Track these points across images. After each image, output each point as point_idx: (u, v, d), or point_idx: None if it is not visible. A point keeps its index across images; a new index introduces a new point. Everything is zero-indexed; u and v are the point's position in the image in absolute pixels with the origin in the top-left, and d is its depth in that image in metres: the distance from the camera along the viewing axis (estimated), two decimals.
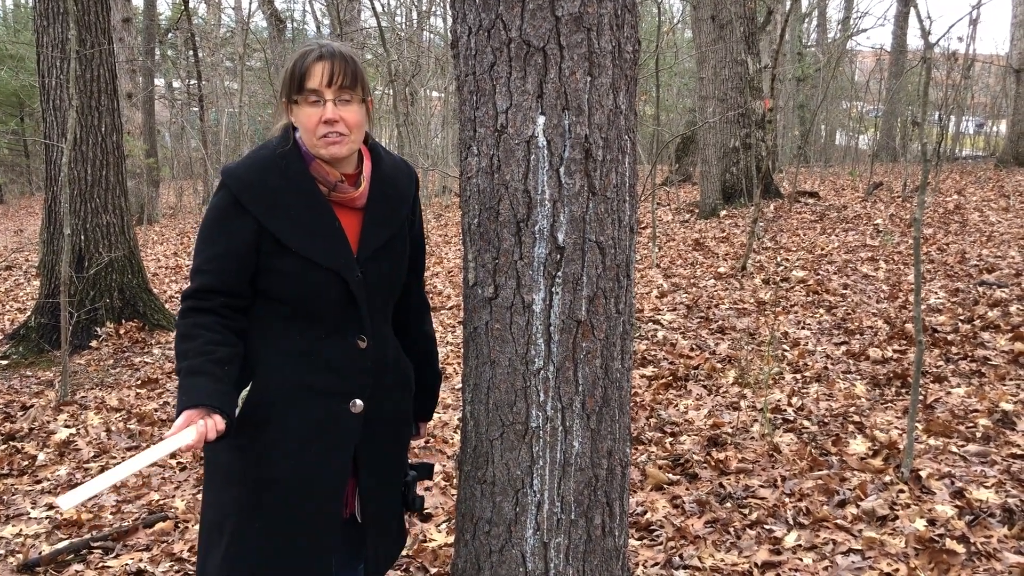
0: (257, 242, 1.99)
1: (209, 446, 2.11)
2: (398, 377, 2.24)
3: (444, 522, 3.57)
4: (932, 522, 3.17)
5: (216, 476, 2.12)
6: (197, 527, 3.66)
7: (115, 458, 4.66)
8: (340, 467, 2.10)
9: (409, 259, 2.26)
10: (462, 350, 2.24)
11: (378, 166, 2.17)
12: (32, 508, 4.03)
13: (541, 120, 1.98)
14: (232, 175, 2.01)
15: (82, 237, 7.17)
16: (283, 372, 2.03)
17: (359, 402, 2.09)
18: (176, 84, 30.11)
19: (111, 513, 3.93)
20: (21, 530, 3.77)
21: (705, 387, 5.11)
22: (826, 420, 4.34)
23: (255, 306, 2.06)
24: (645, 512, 3.50)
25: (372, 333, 2.11)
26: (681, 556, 3.11)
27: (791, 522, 3.30)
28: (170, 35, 27.61)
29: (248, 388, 2.02)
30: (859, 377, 5.00)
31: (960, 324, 5.74)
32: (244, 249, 1.99)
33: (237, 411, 2.00)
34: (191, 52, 25.88)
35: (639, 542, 3.28)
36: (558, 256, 2.03)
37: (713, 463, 3.91)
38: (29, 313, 7.62)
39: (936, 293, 6.67)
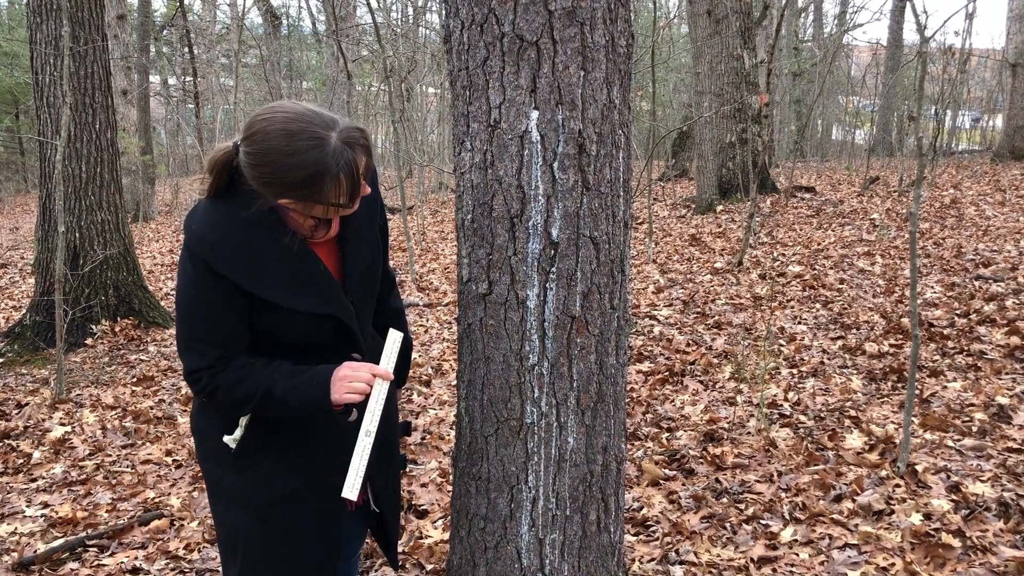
0: (247, 302, 1.89)
1: (210, 468, 2.07)
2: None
3: (440, 518, 3.56)
4: (928, 516, 3.17)
5: (219, 498, 2.08)
6: (193, 524, 3.67)
7: (110, 456, 4.65)
8: (341, 471, 2.08)
9: None
10: (457, 346, 2.24)
11: None
12: (27, 506, 4.01)
13: (535, 115, 1.97)
14: (202, 242, 1.85)
15: (77, 234, 7.15)
16: None
17: (355, 411, 2.05)
18: (172, 81, 30.05)
19: (106, 511, 3.92)
20: (16, 528, 3.76)
21: (701, 382, 5.11)
22: (822, 415, 4.34)
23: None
24: (641, 508, 3.50)
25: (365, 346, 2.07)
26: (677, 552, 3.11)
27: (787, 517, 3.30)
28: (165, 32, 27.53)
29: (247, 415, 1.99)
30: (855, 372, 5.00)
31: (956, 318, 5.74)
32: (234, 311, 1.89)
33: (239, 433, 1.98)
34: (186, 49, 25.81)
35: (635, 538, 3.27)
36: (552, 252, 2.02)
37: (709, 458, 3.91)
38: (24, 311, 7.60)
39: (932, 288, 6.67)
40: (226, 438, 1.99)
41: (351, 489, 1.86)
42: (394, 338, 1.98)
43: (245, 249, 1.86)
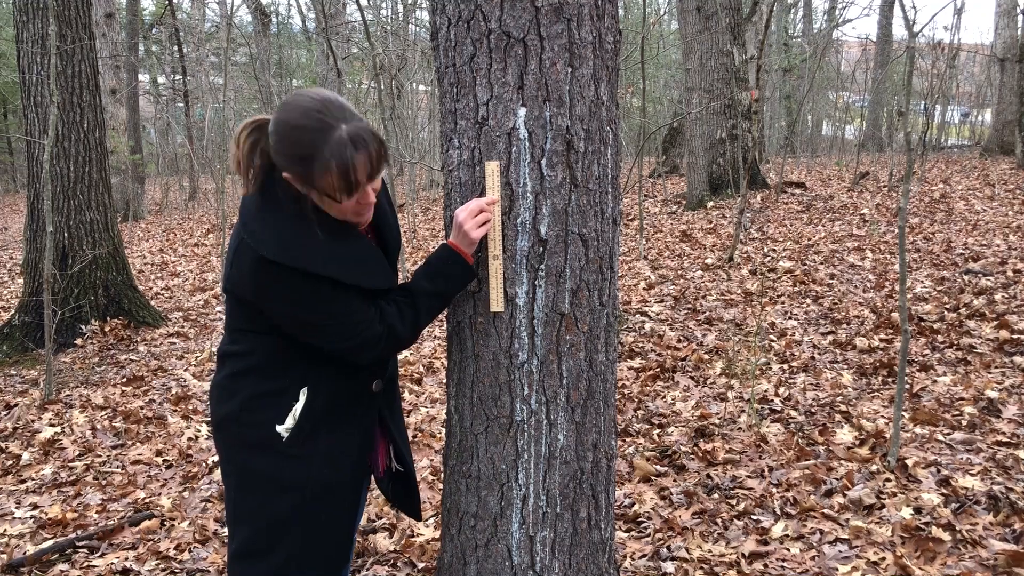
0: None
1: (252, 458, 2.08)
2: None
3: (432, 517, 3.56)
4: (918, 510, 3.18)
5: (263, 487, 2.08)
6: (184, 524, 3.65)
7: (100, 457, 4.63)
8: (374, 442, 2.22)
9: None
10: (446, 345, 2.24)
11: None
12: (16, 508, 3.99)
13: (522, 112, 1.96)
14: (289, 253, 1.87)
15: (65, 234, 7.11)
16: (332, 382, 2.06)
17: (380, 381, 2.16)
18: (161, 80, 29.91)
19: (96, 512, 3.90)
20: (5, 530, 3.74)
21: (692, 378, 5.11)
22: (813, 410, 4.35)
23: None
24: (633, 504, 3.50)
25: None
26: (669, 548, 3.11)
27: (778, 512, 3.31)
28: (154, 30, 27.41)
29: (301, 403, 2.02)
30: (846, 367, 5.01)
31: (946, 313, 5.76)
32: (351, 294, 1.95)
33: (291, 422, 2.02)
34: (175, 47, 25.71)
35: (627, 534, 3.28)
36: (540, 249, 2.02)
37: (701, 454, 3.91)
38: (13, 312, 7.55)
39: (922, 282, 6.69)
40: (278, 427, 2.02)
41: (498, 304, 2.05)
42: (492, 169, 2.00)
43: (322, 246, 1.90)
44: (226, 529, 2.27)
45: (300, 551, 2.09)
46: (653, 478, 3.75)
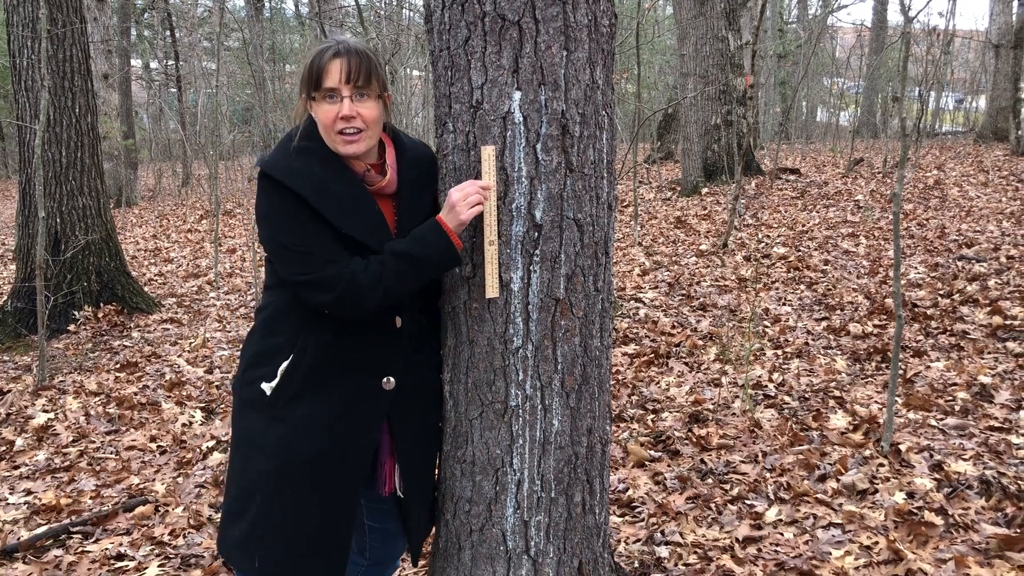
0: (319, 223, 2.02)
1: (244, 416, 2.15)
2: (429, 352, 2.25)
3: None
4: (911, 495, 3.20)
5: (246, 446, 2.14)
6: (178, 510, 3.65)
7: (94, 443, 4.62)
8: (369, 442, 2.14)
9: None
10: (441, 331, 2.23)
11: (402, 152, 2.17)
12: (10, 494, 3.99)
13: (517, 96, 1.95)
14: (277, 167, 2.01)
15: (58, 220, 7.08)
16: (320, 349, 2.06)
17: (391, 379, 2.12)
18: (153, 65, 29.73)
19: (90, 498, 3.90)
20: None
21: (687, 364, 5.12)
22: (807, 395, 4.36)
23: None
24: (627, 489, 3.51)
25: (407, 313, 2.14)
26: (663, 532, 3.12)
27: (772, 497, 3.32)
28: (146, 15, 27.22)
29: (287, 362, 2.06)
30: (839, 352, 5.02)
31: (939, 298, 5.78)
32: (325, 229, 2.01)
33: (276, 382, 2.06)
34: (168, 32, 25.56)
35: (621, 519, 3.29)
36: (536, 234, 2.01)
37: (695, 439, 3.92)
38: (5, 297, 7.52)
39: (916, 268, 6.70)
40: (263, 384, 2.07)
41: (493, 289, 2.03)
42: (487, 154, 2.00)
43: (313, 172, 2.01)
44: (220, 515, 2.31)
45: (264, 519, 2.09)
46: (647, 463, 3.76)
